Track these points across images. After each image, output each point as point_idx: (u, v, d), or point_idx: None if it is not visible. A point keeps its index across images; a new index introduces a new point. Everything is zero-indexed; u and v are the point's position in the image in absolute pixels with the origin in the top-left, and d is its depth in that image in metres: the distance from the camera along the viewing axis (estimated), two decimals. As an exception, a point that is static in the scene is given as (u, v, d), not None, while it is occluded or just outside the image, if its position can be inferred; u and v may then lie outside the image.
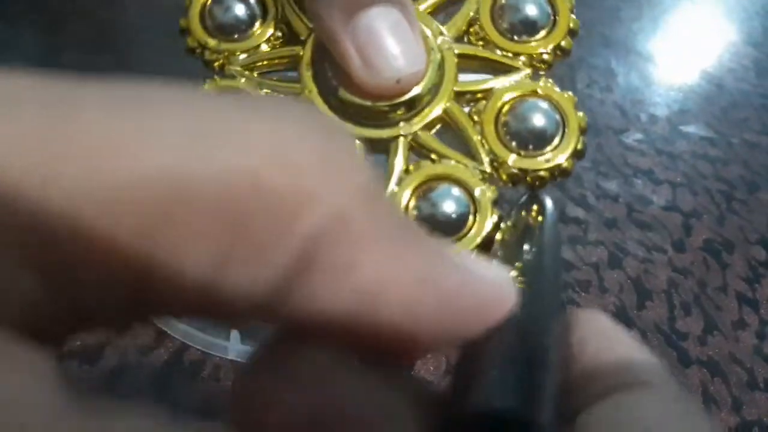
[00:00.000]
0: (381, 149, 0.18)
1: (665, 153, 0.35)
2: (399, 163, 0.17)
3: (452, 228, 0.16)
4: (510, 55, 0.18)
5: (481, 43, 0.18)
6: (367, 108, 0.17)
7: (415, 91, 0.17)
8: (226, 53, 0.18)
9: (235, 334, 0.24)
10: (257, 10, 0.19)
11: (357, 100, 0.17)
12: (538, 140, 0.17)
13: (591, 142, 0.35)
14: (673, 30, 0.44)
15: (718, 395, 0.26)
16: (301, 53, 0.18)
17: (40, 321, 0.07)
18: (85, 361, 0.24)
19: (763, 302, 0.30)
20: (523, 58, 0.18)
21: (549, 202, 0.15)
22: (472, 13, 0.18)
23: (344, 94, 0.17)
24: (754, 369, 0.28)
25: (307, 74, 0.18)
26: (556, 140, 0.17)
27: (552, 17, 0.18)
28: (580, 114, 0.17)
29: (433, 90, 0.18)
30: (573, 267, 0.29)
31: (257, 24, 0.19)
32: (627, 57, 0.40)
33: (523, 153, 0.17)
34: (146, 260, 0.07)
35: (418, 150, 0.18)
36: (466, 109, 0.18)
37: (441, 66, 0.18)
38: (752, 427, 0.26)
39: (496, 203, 0.16)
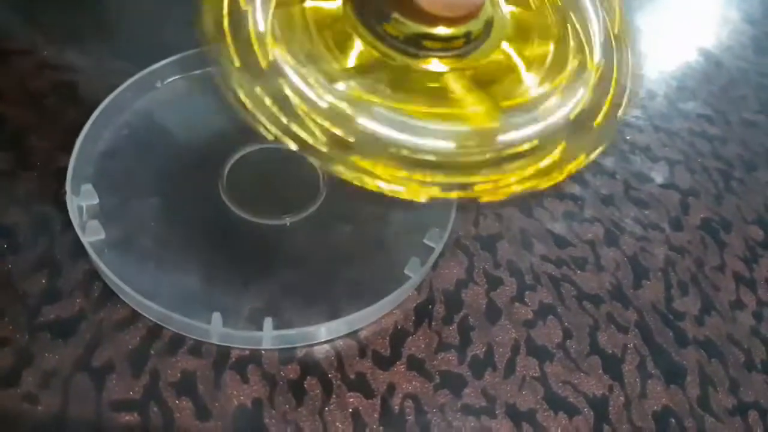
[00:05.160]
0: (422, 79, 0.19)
1: (663, 130, 0.34)
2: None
3: None
4: None
5: None
6: (421, 35, 0.18)
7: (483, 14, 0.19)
8: None
9: (216, 316, 0.23)
10: None
11: (413, 24, 0.18)
12: None
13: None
14: (671, 6, 0.43)
15: (715, 376, 0.26)
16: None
17: None
18: (58, 334, 0.23)
19: (761, 282, 0.29)
20: None
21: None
22: None
23: (398, 18, 0.18)
24: (751, 350, 0.27)
25: (347, 8, 0.19)
26: None
27: None
28: None
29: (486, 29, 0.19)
30: (568, 244, 0.29)
31: None
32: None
33: None
34: None
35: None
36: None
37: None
38: (749, 409, 0.25)
39: None
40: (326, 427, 0.22)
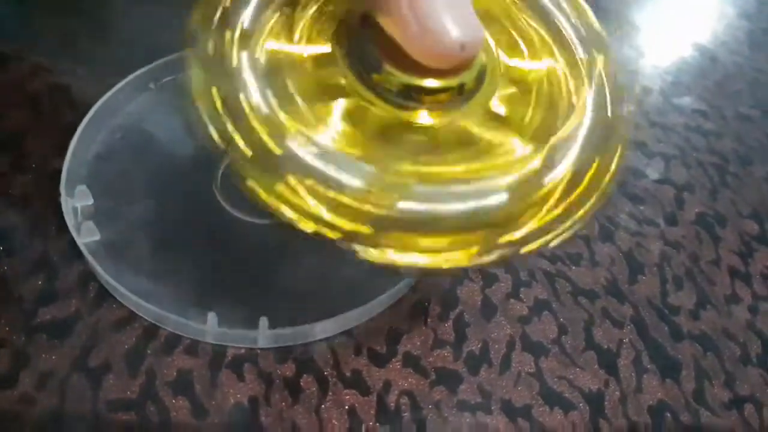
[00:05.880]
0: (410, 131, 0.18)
1: (658, 125, 0.34)
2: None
3: None
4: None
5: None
6: (411, 86, 0.18)
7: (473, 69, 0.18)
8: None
9: (212, 316, 0.23)
10: None
11: (402, 75, 0.17)
12: None
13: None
14: (666, 1, 0.43)
15: (710, 370, 0.26)
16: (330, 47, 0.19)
17: None
18: (54, 335, 0.23)
19: (756, 276, 0.29)
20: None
21: None
22: None
23: (389, 68, 0.17)
24: (747, 344, 0.27)
25: (338, 55, 0.18)
26: None
27: None
28: None
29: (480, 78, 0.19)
30: (563, 240, 0.29)
31: None
32: (620, 27, 0.39)
33: None
34: None
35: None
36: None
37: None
38: (745, 402, 0.25)
39: None
40: (322, 425, 0.22)
